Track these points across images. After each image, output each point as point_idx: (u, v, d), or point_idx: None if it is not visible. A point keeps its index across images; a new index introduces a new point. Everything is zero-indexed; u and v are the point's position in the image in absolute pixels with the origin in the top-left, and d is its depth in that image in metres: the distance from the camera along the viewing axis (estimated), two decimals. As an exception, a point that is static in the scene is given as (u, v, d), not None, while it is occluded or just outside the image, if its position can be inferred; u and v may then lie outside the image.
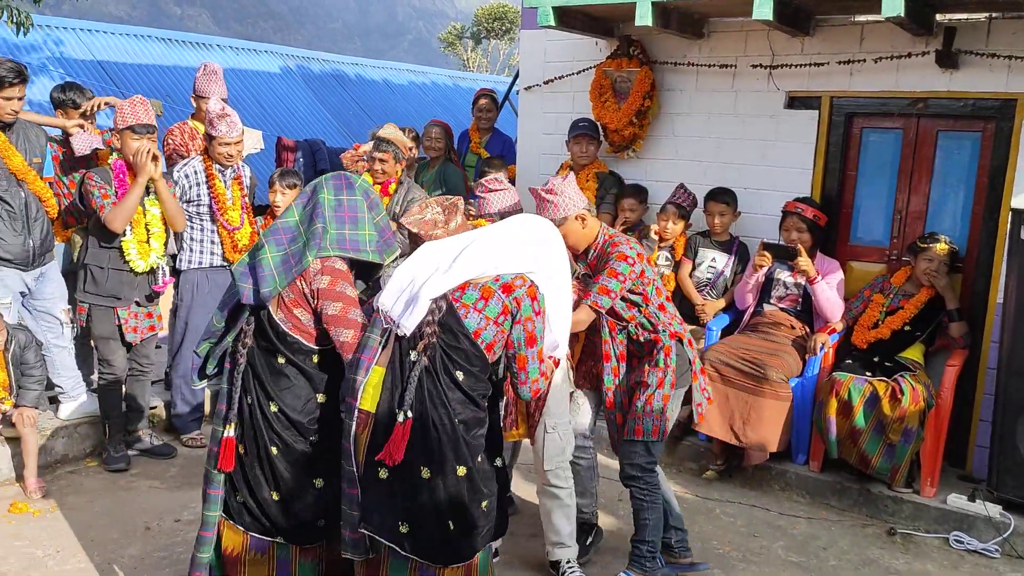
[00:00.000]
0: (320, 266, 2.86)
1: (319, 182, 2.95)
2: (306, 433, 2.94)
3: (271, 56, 13.05)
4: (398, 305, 2.73)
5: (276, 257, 2.86)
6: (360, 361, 2.76)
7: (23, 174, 4.37)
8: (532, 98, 6.28)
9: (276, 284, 2.84)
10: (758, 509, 4.55)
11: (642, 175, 5.75)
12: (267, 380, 2.92)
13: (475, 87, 13.88)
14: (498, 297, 2.70)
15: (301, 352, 2.91)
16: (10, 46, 9.32)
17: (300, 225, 2.91)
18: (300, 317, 2.88)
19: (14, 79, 4.20)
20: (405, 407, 2.65)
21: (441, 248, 2.85)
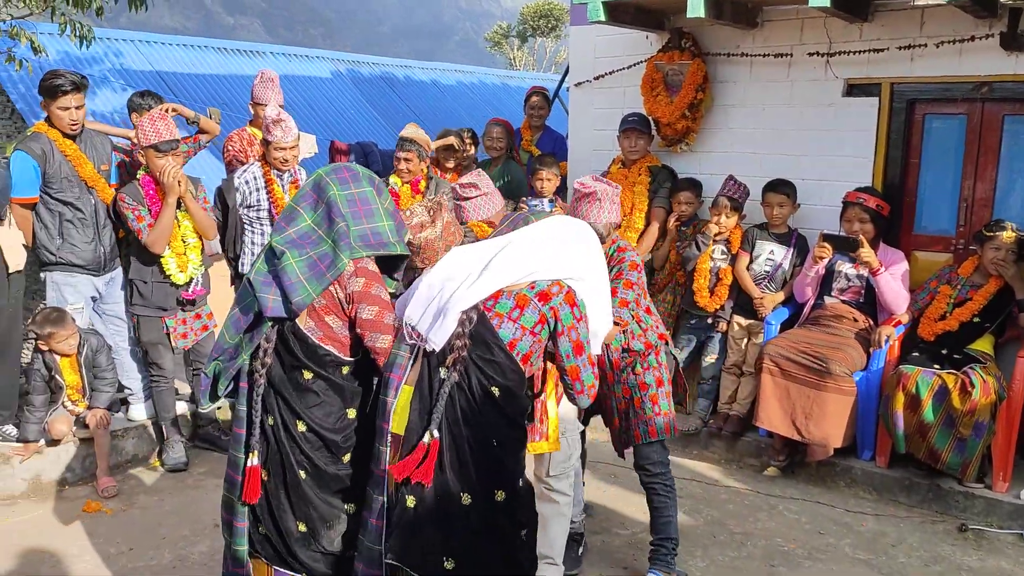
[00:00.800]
0: (353, 268, 2.66)
1: (321, 179, 2.72)
2: (339, 452, 2.72)
3: (322, 61, 13.23)
4: (426, 318, 2.57)
5: (301, 263, 2.63)
6: (390, 380, 2.60)
7: (93, 181, 4.50)
8: (582, 94, 6.26)
9: (308, 291, 2.61)
10: (823, 506, 4.46)
11: (696, 168, 5.68)
12: (292, 398, 2.68)
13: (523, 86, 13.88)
14: (534, 306, 2.54)
15: (332, 364, 2.69)
16: (73, 59, 9.60)
17: (317, 228, 2.69)
18: (332, 325, 2.68)
19: (67, 88, 4.32)
20: (432, 427, 2.48)
21: (471, 253, 2.68)
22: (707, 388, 5.24)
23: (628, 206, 5.48)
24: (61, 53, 9.54)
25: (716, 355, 5.21)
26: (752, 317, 5.12)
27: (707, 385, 5.24)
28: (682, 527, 4.18)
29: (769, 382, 4.64)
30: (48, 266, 4.54)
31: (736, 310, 5.20)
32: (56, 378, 4.43)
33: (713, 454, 5.10)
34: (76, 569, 3.71)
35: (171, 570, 3.71)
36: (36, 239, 4.48)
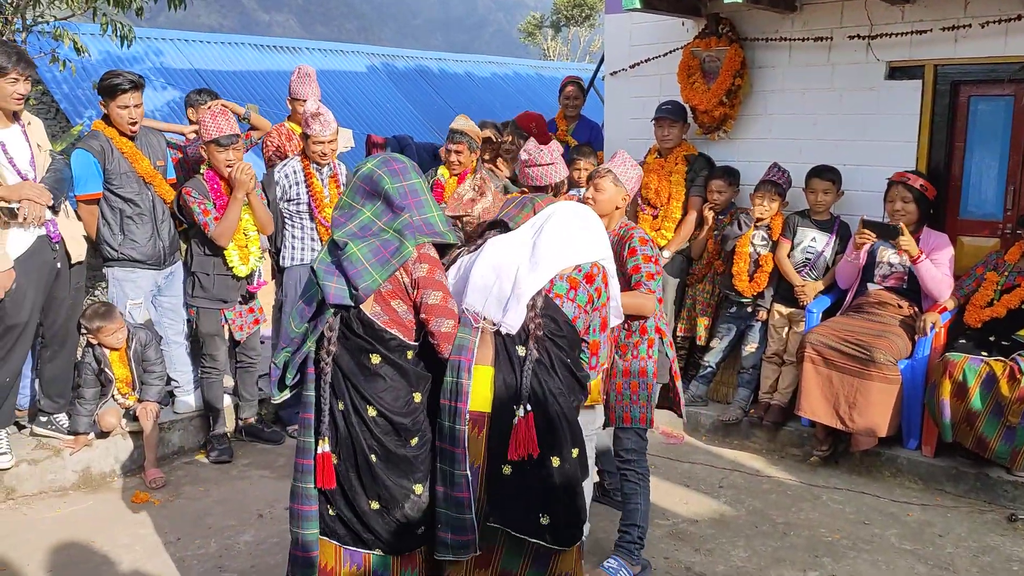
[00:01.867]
0: (417, 254, 2.76)
1: (373, 172, 2.78)
2: (408, 436, 2.80)
3: (357, 56, 13.32)
4: (490, 306, 2.79)
5: (365, 250, 2.72)
6: (460, 363, 2.75)
7: (150, 177, 4.59)
8: (618, 83, 6.21)
9: (375, 277, 2.70)
10: (868, 496, 4.40)
11: (734, 156, 5.62)
12: (361, 383, 2.76)
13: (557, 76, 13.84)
14: (583, 287, 2.86)
15: (399, 348, 2.78)
16: (114, 59, 9.79)
17: (377, 219, 2.77)
18: (397, 309, 2.77)
19: (127, 86, 4.41)
20: (523, 401, 2.70)
21: (511, 244, 2.90)
22: (747, 378, 5.19)
23: (665, 195, 5.43)
24: (103, 53, 9.73)
25: (756, 344, 5.16)
26: (793, 305, 5.06)
27: (747, 375, 5.19)
28: (724, 517, 4.17)
29: (811, 371, 4.59)
30: (110, 262, 4.64)
31: (777, 298, 5.14)
32: (106, 371, 4.53)
33: (754, 444, 5.06)
34: (126, 558, 3.79)
35: (217, 558, 3.78)
36: (99, 235, 4.58)
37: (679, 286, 5.51)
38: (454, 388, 2.75)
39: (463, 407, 2.73)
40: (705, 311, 5.44)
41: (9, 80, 3.97)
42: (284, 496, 4.37)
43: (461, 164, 5.22)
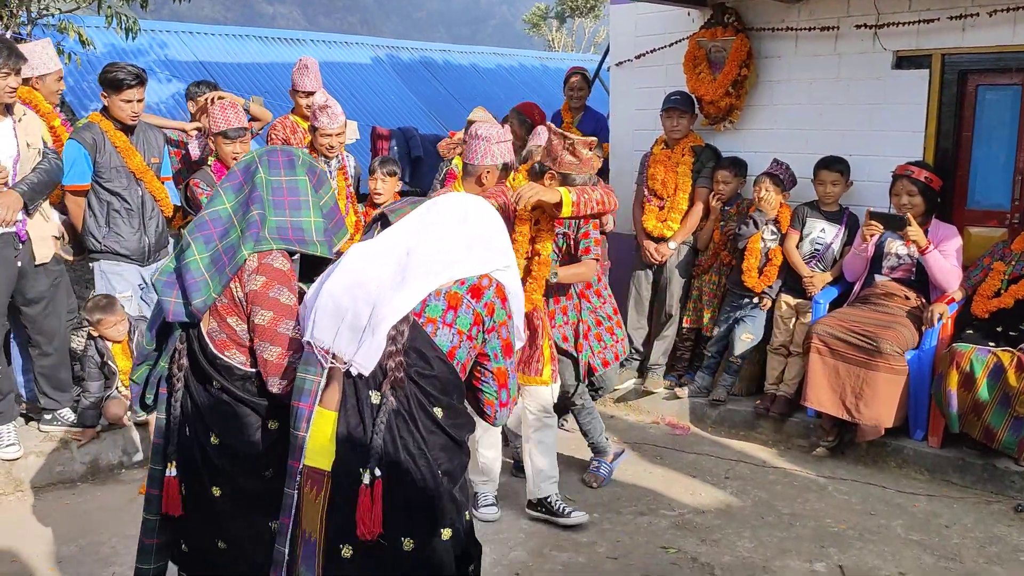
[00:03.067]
0: (256, 263, 2.37)
1: (252, 159, 2.46)
2: (260, 467, 2.44)
3: (361, 47, 13.27)
4: (341, 338, 2.13)
5: (205, 257, 2.35)
6: (299, 411, 2.19)
7: (141, 173, 4.59)
8: (623, 74, 6.20)
9: (210, 291, 2.34)
10: (874, 486, 4.40)
11: (740, 146, 5.60)
12: (205, 407, 2.44)
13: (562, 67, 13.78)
14: (467, 304, 2.15)
15: (237, 377, 2.40)
16: (119, 51, 9.76)
17: (234, 215, 2.41)
18: (235, 327, 2.39)
19: (132, 81, 4.41)
20: (371, 464, 2.08)
21: (375, 253, 2.22)
22: (735, 367, 5.20)
23: (671, 186, 5.42)
24: (108, 46, 9.71)
25: (751, 335, 5.14)
26: (800, 296, 5.05)
27: (736, 364, 5.19)
28: (730, 508, 4.17)
29: (818, 362, 4.58)
30: (95, 254, 4.65)
31: (784, 289, 5.13)
32: (109, 364, 4.54)
33: (760, 435, 5.06)
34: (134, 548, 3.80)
35: (226, 550, 3.80)
36: (85, 226, 4.58)
37: (685, 277, 5.50)
38: (293, 442, 2.21)
39: (297, 466, 2.19)
40: (711, 302, 5.43)
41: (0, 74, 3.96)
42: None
43: None
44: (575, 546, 3.81)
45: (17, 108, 4.25)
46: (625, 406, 5.65)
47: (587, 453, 4.58)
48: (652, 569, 3.62)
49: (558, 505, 4.00)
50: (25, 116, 4.29)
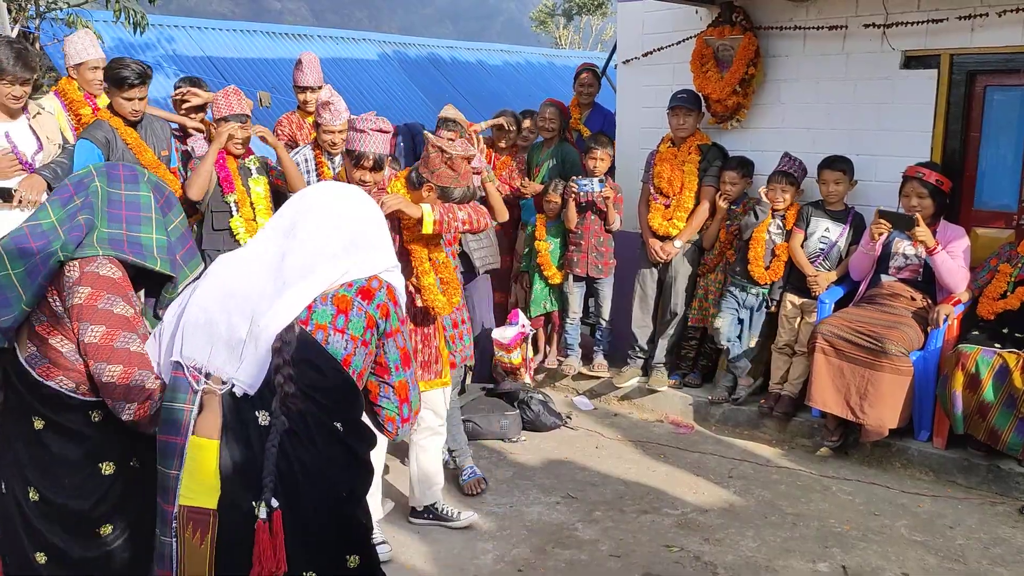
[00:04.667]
0: (78, 272, 2.06)
1: (89, 172, 2.22)
2: (90, 525, 2.11)
3: (368, 44, 13.30)
4: (217, 355, 1.89)
5: (21, 272, 2.05)
6: (169, 445, 1.90)
7: (154, 168, 4.58)
8: (630, 72, 6.19)
9: (22, 304, 2.03)
10: (878, 487, 4.39)
11: (747, 145, 5.59)
12: (21, 455, 2.08)
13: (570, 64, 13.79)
14: (359, 307, 1.94)
15: (69, 409, 2.07)
16: (127, 45, 9.80)
17: (59, 227, 2.10)
18: (60, 348, 2.06)
19: (135, 80, 4.41)
20: (266, 495, 1.82)
21: (248, 258, 2.00)
22: (742, 366, 5.22)
23: (677, 185, 5.41)
24: (116, 40, 9.74)
25: (757, 338, 5.15)
26: (805, 296, 5.04)
27: (740, 363, 5.21)
28: (733, 507, 4.17)
29: (822, 362, 4.57)
30: None
31: (789, 288, 5.12)
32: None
33: (764, 434, 5.05)
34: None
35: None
36: None
37: (691, 276, 5.50)
38: (162, 483, 1.91)
39: (169, 509, 1.88)
40: (717, 301, 5.43)
41: (4, 83, 3.98)
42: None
43: None
44: (578, 544, 3.82)
45: (31, 106, 4.26)
46: (630, 404, 5.65)
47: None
48: (655, 568, 3.62)
49: (445, 510, 4.00)
50: (40, 114, 4.30)
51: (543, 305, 5.81)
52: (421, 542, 3.81)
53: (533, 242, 5.79)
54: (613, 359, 5.79)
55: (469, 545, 3.79)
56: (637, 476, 4.54)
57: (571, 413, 5.49)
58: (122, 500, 2.14)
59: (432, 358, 3.86)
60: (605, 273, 5.61)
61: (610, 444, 5.03)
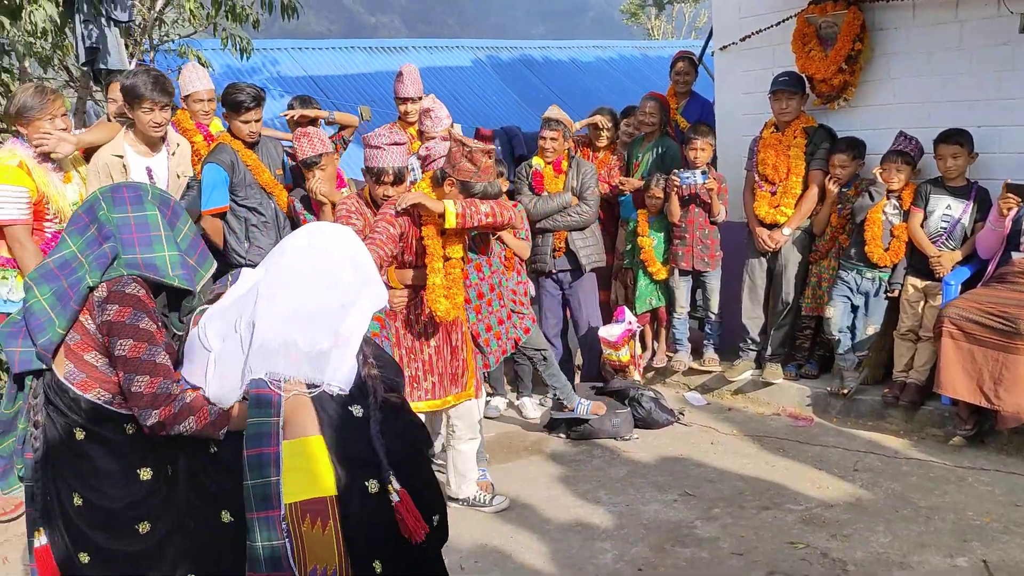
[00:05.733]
0: (106, 292, 2.23)
1: (95, 198, 2.34)
2: (129, 523, 2.26)
3: (462, 51, 13.47)
4: (303, 367, 2.10)
5: (50, 296, 2.24)
6: (263, 457, 2.06)
7: (271, 187, 4.78)
8: (728, 58, 6.04)
9: (55, 328, 2.20)
10: (1018, 476, 4.14)
11: (857, 125, 5.36)
12: (65, 463, 2.25)
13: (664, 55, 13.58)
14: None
15: (107, 419, 2.24)
16: (235, 71, 10.24)
17: (80, 255, 2.29)
18: (95, 363, 2.24)
19: (251, 104, 4.59)
20: (385, 475, 2.09)
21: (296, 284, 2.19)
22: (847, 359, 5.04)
23: (783, 170, 5.25)
24: (224, 66, 10.19)
25: (876, 327, 4.93)
26: (928, 278, 4.79)
27: (848, 357, 5.04)
28: (861, 501, 4.02)
29: (951, 347, 4.34)
30: (238, 269, 4.87)
31: (910, 271, 4.88)
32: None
33: (890, 424, 4.83)
34: None
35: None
36: (226, 244, 4.80)
37: (801, 263, 5.32)
38: (260, 493, 2.04)
39: (274, 514, 2.03)
40: (829, 292, 5.22)
41: (144, 109, 4.13)
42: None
43: (555, 151, 5.34)
44: (697, 542, 3.75)
45: (171, 137, 4.48)
46: (743, 398, 5.52)
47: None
48: (780, 565, 3.52)
49: (479, 498, 4.16)
50: (179, 148, 4.52)
51: (649, 301, 5.74)
52: (539, 541, 3.82)
53: (635, 239, 5.73)
54: (724, 353, 5.66)
55: (587, 544, 3.78)
56: (756, 471, 4.42)
57: (683, 409, 5.41)
58: (163, 502, 2.30)
59: (459, 370, 3.94)
60: (712, 266, 5.50)
61: (726, 439, 4.92)
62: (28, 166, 3.78)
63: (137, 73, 4.22)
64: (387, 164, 3.77)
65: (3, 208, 3.72)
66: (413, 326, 3.81)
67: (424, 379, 3.86)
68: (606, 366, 5.53)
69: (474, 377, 4.06)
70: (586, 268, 5.38)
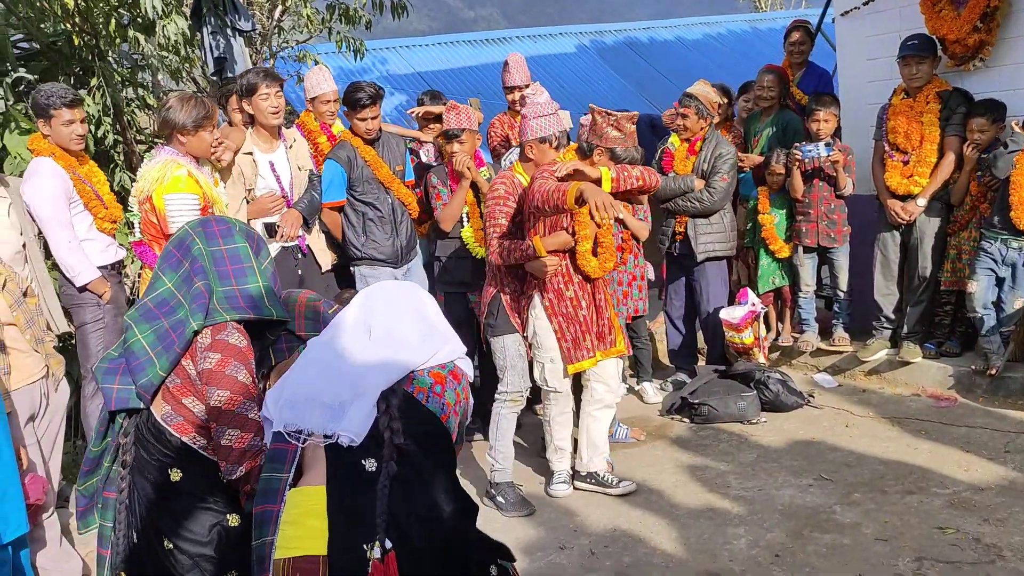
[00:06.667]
0: (210, 339, 2.21)
1: (186, 233, 2.34)
2: (218, 569, 2.25)
3: (565, 37, 13.39)
4: (318, 418, 1.97)
5: (150, 335, 2.24)
6: (267, 514, 1.95)
7: (389, 182, 4.90)
8: (850, 24, 5.78)
9: (156, 369, 2.20)
10: None
11: (995, 86, 5.02)
12: (155, 505, 2.23)
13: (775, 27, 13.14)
14: (451, 384, 2.09)
15: (201, 463, 2.24)
16: (347, 72, 10.53)
17: (177, 292, 2.28)
18: (192, 408, 2.23)
19: (367, 101, 4.73)
20: (379, 535, 1.84)
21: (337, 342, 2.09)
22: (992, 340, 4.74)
23: (916, 138, 4.97)
24: (337, 68, 10.49)
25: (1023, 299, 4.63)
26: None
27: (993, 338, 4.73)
28: (1014, 484, 3.83)
29: (1112, 318, 4.03)
30: (355, 261, 5.03)
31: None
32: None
33: (1046, 404, 4.54)
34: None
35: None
36: (345, 237, 4.97)
37: (939, 235, 5.03)
38: (259, 554, 1.93)
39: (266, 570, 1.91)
40: (971, 263, 4.93)
41: (261, 96, 4.38)
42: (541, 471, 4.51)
43: (688, 129, 5.15)
44: (838, 527, 3.62)
45: (288, 134, 4.71)
46: (878, 378, 5.29)
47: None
48: (929, 551, 3.36)
49: (607, 478, 4.14)
50: (296, 142, 4.74)
51: (771, 281, 5.57)
52: (670, 526, 3.78)
53: (755, 216, 5.57)
54: (854, 332, 5.44)
55: (719, 530, 3.71)
56: (897, 455, 4.23)
57: (813, 391, 5.23)
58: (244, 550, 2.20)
59: (606, 328, 4.06)
60: (839, 241, 5.28)
61: (861, 422, 4.73)
62: (194, 175, 3.98)
63: (246, 72, 4.50)
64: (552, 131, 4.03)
65: (183, 215, 3.91)
66: (563, 293, 3.98)
67: (583, 339, 4.01)
68: (729, 349, 5.41)
69: (621, 334, 4.19)
70: (700, 257, 5.26)
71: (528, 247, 3.90)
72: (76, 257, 4.02)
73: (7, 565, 3.02)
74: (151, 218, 3.97)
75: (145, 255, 4.06)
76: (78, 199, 4.09)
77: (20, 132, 4.82)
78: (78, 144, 4.08)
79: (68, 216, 4.00)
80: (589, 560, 3.57)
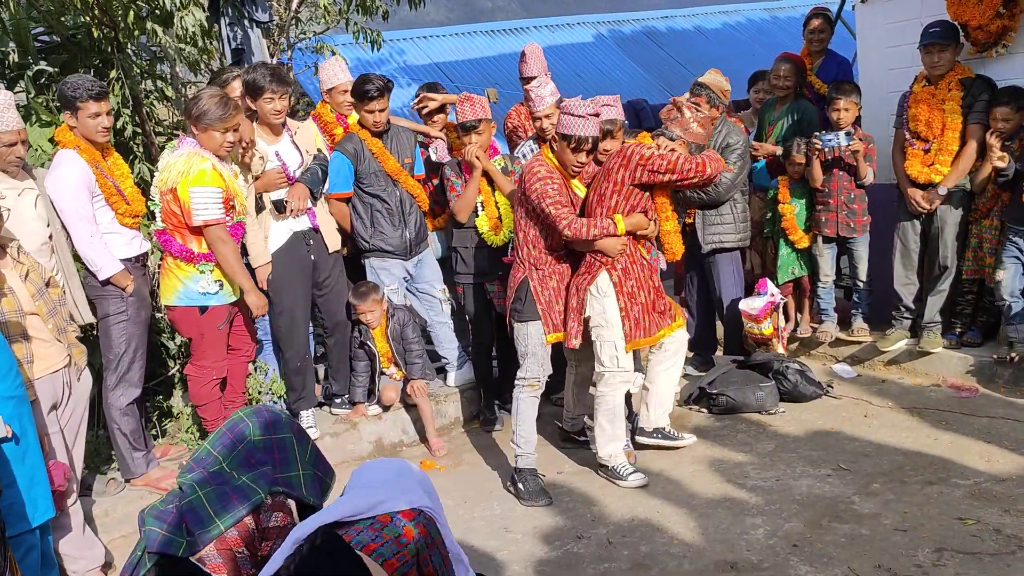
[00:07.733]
0: (271, 502, 2.54)
1: (240, 420, 2.63)
2: None
3: (583, 27, 13.35)
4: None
5: (211, 495, 2.49)
6: None
7: (397, 174, 4.91)
8: (871, 10, 5.71)
9: (218, 525, 2.43)
10: None
11: (1018, 73, 4.96)
12: None
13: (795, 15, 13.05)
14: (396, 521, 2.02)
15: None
16: (364, 63, 10.54)
17: (223, 461, 2.56)
18: (237, 556, 2.48)
19: (375, 93, 4.72)
20: None
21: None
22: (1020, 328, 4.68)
23: (938, 127, 4.91)
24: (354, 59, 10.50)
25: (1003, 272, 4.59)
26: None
27: (1020, 327, 4.68)
28: (1037, 476, 3.76)
29: None
30: (364, 253, 5.05)
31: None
32: (368, 344, 4.96)
33: (1068, 394, 4.49)
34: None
35: (501, 520, 4.00)
36: (353, 229, 4.98)
37: (960, 224, 4.98)
38: None
39: None
40: (994, 250, 4.88)
41: (266, 99, 4.43)
42: (557, 461, 4.52)
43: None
44: (856, 517, 3.61)
45: (291, 123, 4.73)
46: (898, 368, 5.25)
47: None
48: (949, 542, 3.34)
49: (671, 431, 4.48)
50: (299, 129, 4.77)
51: (791, 271, 5.54)
52: (687, 516, 3.78)
53: (774, 206, 5.53)
54: (873, 322, 5.41)
55: (737, 520, 3.71)
56: (916, 445, 4.21)
57: (831, 381, 5.20)
58: None
59: (665, 307, 4.23)
60: (859, 231, 5.24)
61: (880, 412, 4.70)
62: (217, 168, 4.01)
63: (256, 68, 4.50)
64: (587, 133, 3.95)
65: (208, 209, 3.95)
66: (630, 271, 4.08)
67: (643, 319, 4.12)
68: (747, 339, 5.38)
69: (677, 307, 4.38)
70: (706, 248, 5.23)
71: (609, 224, 3.97)
72: (98, 251, 4.01)
73: (36, 549, 3.09)
74: (173, 208, 4.00)
75: (168, 244, 4.09)
76: (100, 193, 4.11)
77: (41, 124, 4.86)
78: (104, 136, 4.07)
79: (90, 210, 3.99)
80: (607, 550, 3.57)
